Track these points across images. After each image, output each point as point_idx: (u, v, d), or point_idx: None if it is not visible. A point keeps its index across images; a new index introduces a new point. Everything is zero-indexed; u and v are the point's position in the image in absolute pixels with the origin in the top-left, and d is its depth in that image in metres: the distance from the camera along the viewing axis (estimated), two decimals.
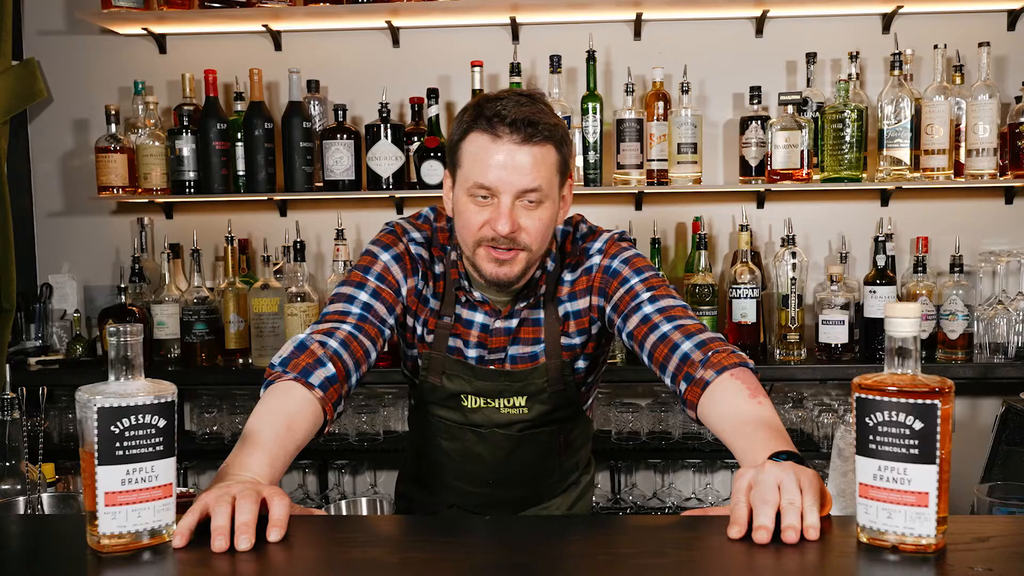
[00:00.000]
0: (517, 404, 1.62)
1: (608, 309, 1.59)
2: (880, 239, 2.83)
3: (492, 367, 1.61)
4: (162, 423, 1.06)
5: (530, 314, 1.62)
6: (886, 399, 1.02)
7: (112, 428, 1.04)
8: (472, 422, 1.64)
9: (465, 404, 1.63)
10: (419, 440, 1.76)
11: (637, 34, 3.04)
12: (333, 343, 1.46)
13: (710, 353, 1.43)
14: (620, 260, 1.59)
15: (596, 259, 1.61)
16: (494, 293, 1.59)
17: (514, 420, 1.63)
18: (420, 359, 1.64)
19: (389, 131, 2.88)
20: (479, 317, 1.61)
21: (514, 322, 1.61)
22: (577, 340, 1.63)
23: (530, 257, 1.51)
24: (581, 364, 1.65)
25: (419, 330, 1.63)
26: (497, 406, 1.63)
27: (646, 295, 1.54)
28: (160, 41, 3.13)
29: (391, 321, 1.57)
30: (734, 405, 1.36)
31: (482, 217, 1.47)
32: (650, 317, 1.52)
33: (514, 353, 1.62)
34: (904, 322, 1.04)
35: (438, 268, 1.62)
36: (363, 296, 1.54)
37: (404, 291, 1.59)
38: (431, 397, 1.66)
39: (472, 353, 1.61)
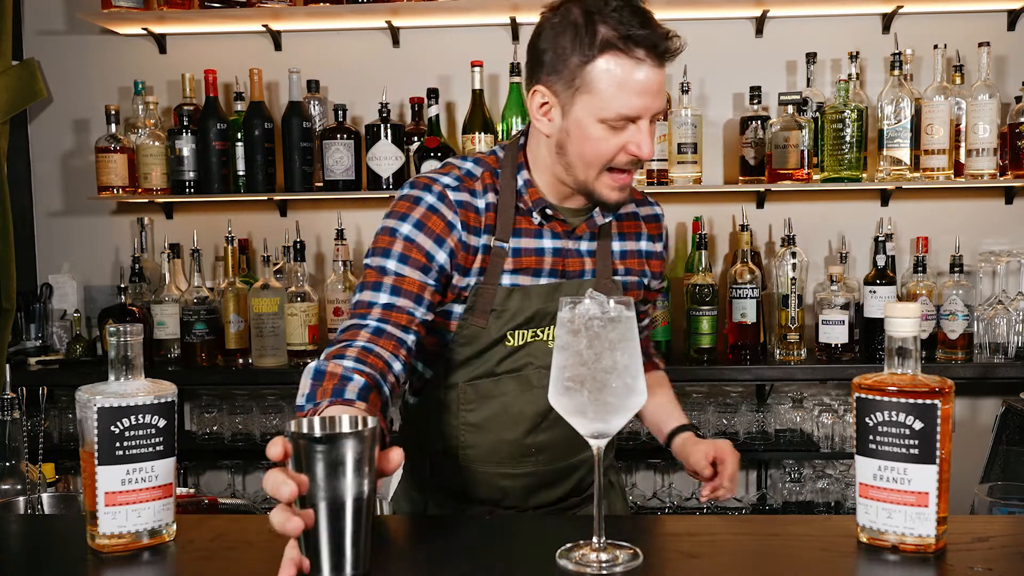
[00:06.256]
0: None
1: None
2: (880, 239, 2.83)
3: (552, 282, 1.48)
4: (162, 423, 1.06)
5: (592, 236, 1.52)
6: (886, 399, 1.02)
7: (112, 428, 1.04)
8: (514, 368, 1.48)
9: (510, 343, 1.46)
10: (437, 430, 1.54)
11: None
12: (348, 363, 1.26)
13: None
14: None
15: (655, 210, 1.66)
16: (570, 214, 1.49)
17: None
18: (467, 297, 1.45)
19: (389, 131, 2.88)
20: (547, 243, 1.48)
21: (583, 244, 1.51)
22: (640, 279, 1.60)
23: None
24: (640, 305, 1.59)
25: (467, 281, 1.45)
26: (545, 339, 1.48)
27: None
28: (160, 41, 3.13)
29: (431, 281, 1.40)
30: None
31: (617, 142, 1.36)
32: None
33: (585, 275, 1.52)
34: (904, 322, 1.04)
35: (481, 202, 1.45)
36: (388, 280, 1.37)
37: (455, 237, 1.42)
38: (465, 352, 1.48)
39: (544, 281, 1.48)
